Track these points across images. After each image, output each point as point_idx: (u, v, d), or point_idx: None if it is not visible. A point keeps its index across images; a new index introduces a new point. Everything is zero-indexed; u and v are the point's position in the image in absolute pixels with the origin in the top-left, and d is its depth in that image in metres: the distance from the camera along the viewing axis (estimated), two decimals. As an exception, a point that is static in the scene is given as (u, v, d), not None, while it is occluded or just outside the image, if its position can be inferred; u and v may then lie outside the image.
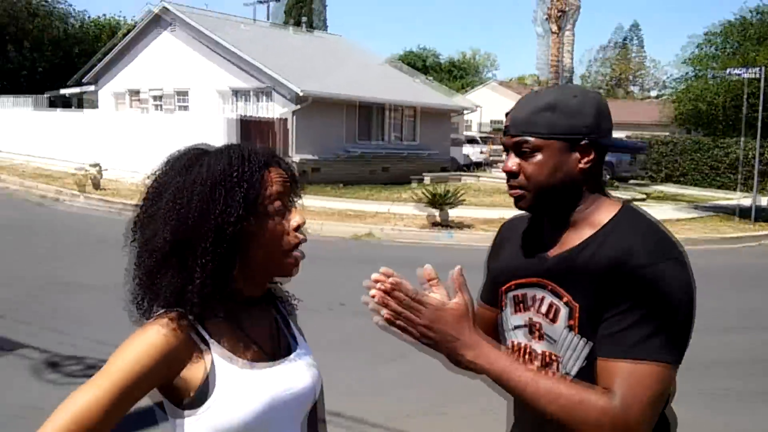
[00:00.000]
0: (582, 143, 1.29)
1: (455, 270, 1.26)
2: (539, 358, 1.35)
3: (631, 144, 5.06)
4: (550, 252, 1.34)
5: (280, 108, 18.34)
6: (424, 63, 51.80)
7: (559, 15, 17.82)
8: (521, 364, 1.24)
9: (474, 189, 17.87)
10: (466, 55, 61.12)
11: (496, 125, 38.24)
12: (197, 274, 1.15)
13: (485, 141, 28.78)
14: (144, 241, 1.18)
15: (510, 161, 1.34)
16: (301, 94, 17.63)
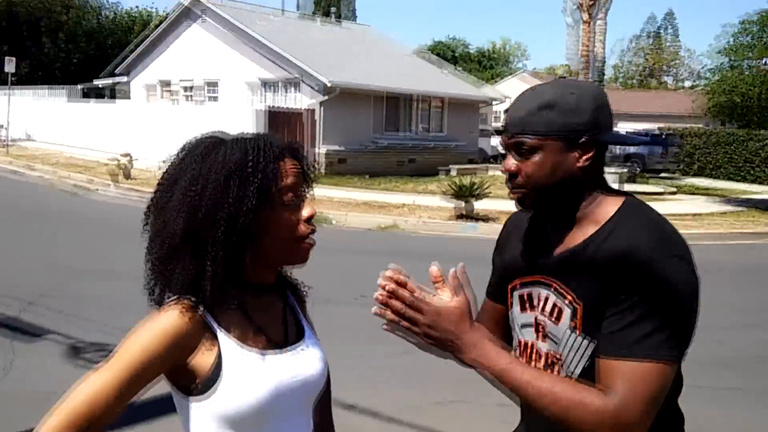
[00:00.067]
0: (580, 141, 1.28)
1: (452, 269, 1.27)
2: (544, 357, 1.35)
3: (632, 138, 4.95)
4: (553, 250, 1.34)
5: (308, 99, 18.40)
6: (453, 53, 51.41)
7: (591, 3, 17.50)
8: (522, 363, 1.24)
9: (500, 181, 17.49)
10: (495, 45, 60.54)
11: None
12: (209, 262, 1.16)
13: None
14: (157, 229, 1.19)
15: (509, 161, 1.33)
16: (329, 84, 17.65)
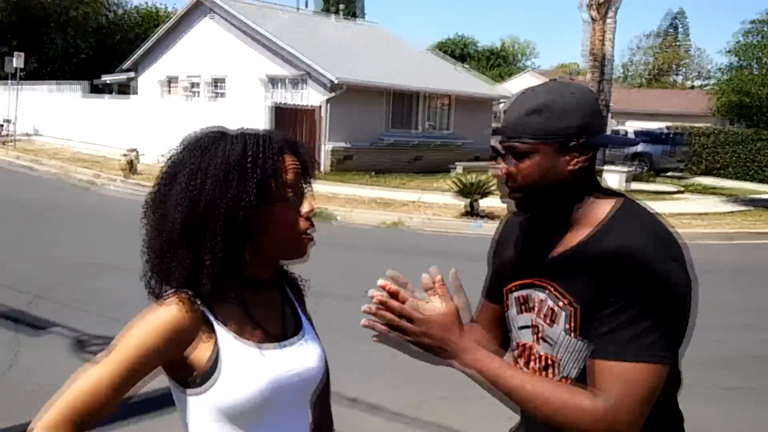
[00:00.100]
0: (572, 144, 1.29)
1: (438, 276, 1.30)
2: (540, 360, 1.37)
3: (624, 140, 5.05)
4: (548, 252, 1.35)
5: (315, 95, 18.40)
6: (461, 51, 51.29)
7: (601, 1, 17.43)
8: (513, 367, 1.26)
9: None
10: (504, 43, 60.37)
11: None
12: (207, 256, 1.16)
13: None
14: (156, 222, 1.20)
15: (503, 165, 1.35)
16: (336, 81, 17.65)
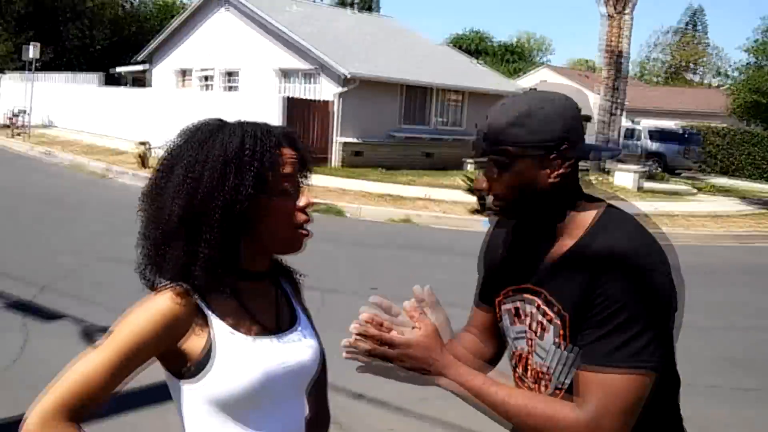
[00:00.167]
0: (552, 156, 1.27)
1: (407, 304, 1.31)
2: (533, 370, 1.37)
3: (606, 149, 4.95)
4: (535, 263, 1.35)
5: (328, 89, 18.39)
6: (477, 46, 51.05)
7: (618, -2, 17.32)
8: (496, 382, 1.26)
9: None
10: (520, 39, 60.08)
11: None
12: (203, 248, 1.17)
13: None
14: (153, 213, 1.20)
15: (481, 178, 1.34)
16: (349, 75, 17.63)
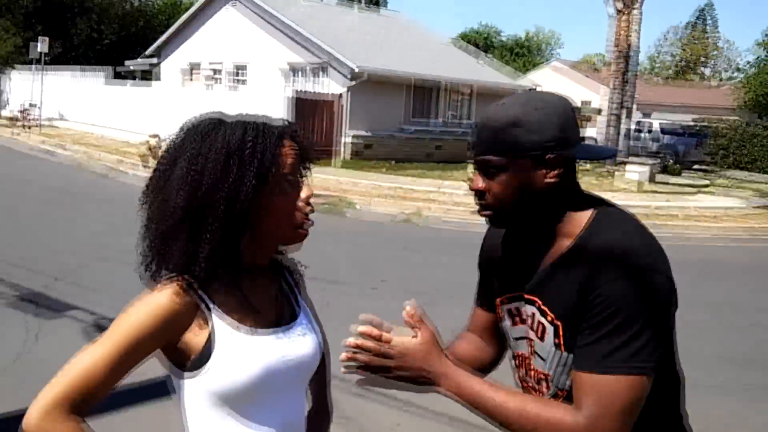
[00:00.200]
0: (546, 158, 1.25)
1: (407, 309, 1.30)
2: (535, 372, 1.37)
3: (601, 150, 4.84)
4: (532, 267, 1.34)
5: (336, 84, 18.41)
6: (485, 41, 50.86)
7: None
8: (493, 386, 1.26)
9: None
10: (529, 34, 59.77)
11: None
12: (207, 241, 1.17)
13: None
14: (156, 207, 1.21)
15: (477, 180, 1.32)
16: (357, 70, 17.63)
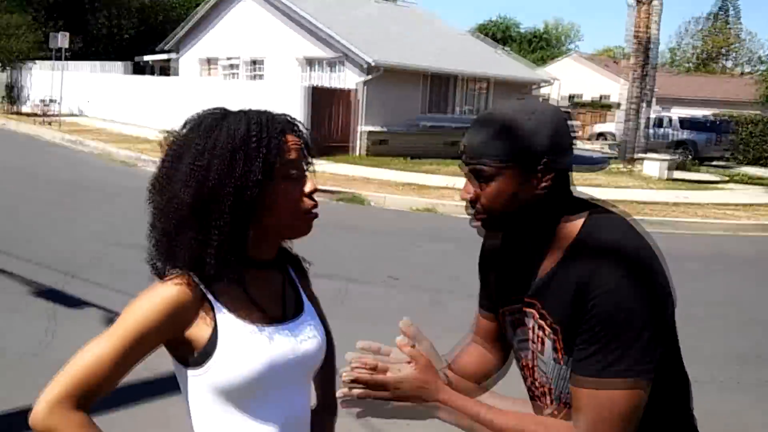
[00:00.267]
0: (539, 167, 1.24)
1: (402, 328, 1.31)
2: (539, 384, 1.37)
3: (593, 159, 4.78)
4: (528, 277, 1.34)
5: (352, 77, 18.37)
6: (503, 33, 50.49)
7: (647, -16, 16.97)
8: (490, 408, 1.27)
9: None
10: (548, 25, 59.24)
11: (574, 99, 37.23)
12: (214, 236, 1.18)
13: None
14: (163, 202, 1.21)
15: (467, 188, 1.31)
16: (373, 63, 17.57)
